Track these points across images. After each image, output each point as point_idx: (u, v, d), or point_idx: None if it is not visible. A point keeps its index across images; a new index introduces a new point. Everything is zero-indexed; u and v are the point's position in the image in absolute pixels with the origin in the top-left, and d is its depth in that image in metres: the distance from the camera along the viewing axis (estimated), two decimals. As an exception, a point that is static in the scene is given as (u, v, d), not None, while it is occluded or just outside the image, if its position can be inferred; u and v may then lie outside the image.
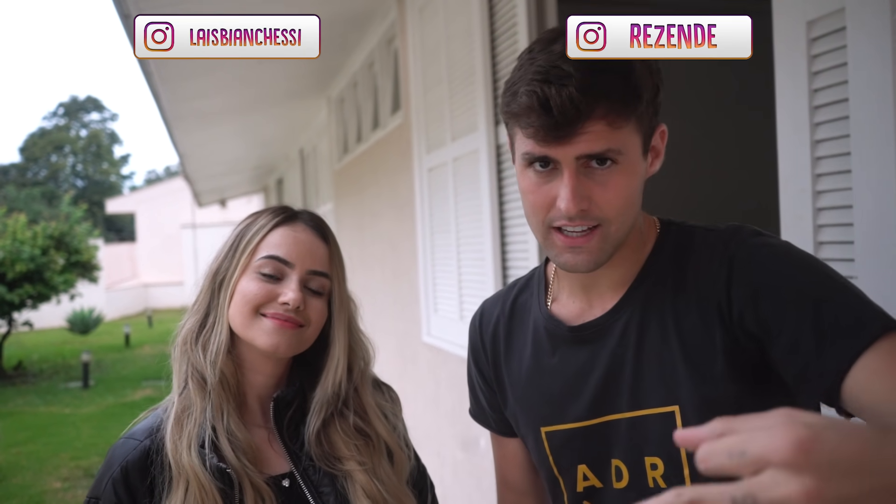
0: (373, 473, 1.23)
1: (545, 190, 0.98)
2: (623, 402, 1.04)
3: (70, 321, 17.29)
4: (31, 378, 12.75)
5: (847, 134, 1.35)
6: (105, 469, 1.19)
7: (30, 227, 13.13)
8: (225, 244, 1.26)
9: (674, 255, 1.06)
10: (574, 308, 1.11)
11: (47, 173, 49.62)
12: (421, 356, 4.40)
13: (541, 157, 0.96)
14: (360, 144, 6.10)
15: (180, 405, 1.19)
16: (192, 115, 7.43)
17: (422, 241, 4.19)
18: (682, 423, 0.98)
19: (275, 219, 1.24)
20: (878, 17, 1.28)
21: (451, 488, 3.73)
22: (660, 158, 1.06)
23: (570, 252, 0.99)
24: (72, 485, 6.92)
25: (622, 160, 0.96)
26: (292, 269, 1.21)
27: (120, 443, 1.22)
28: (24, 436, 8.77)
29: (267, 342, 1.19)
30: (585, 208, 0.96)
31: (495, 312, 1.22)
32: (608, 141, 0.94)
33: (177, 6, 4.19)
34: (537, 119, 0.93)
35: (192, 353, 1.21)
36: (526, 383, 1.14)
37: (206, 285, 1.25)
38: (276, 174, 13.96)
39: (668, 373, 1.00)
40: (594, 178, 0.96)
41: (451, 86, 3.60)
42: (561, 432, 1.10)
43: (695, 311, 0.99)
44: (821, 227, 1.43)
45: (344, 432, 1.24)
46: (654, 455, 1.02)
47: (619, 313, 1.06)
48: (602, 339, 1.06)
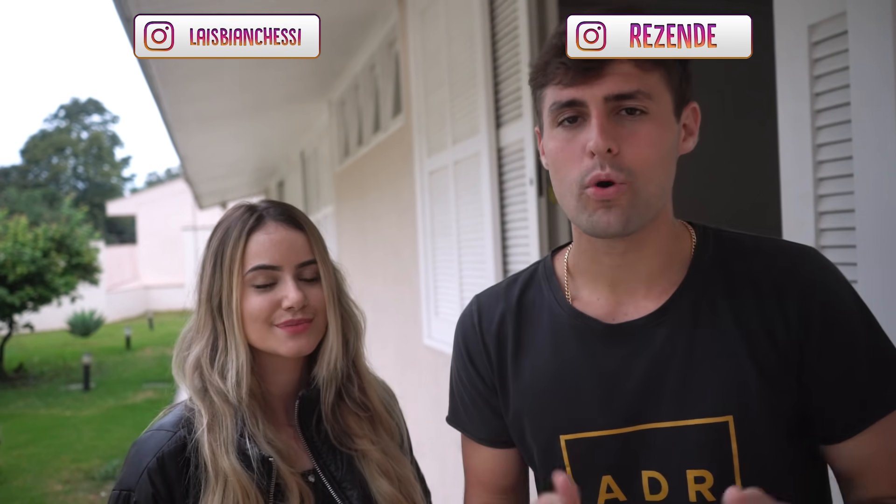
0: (383, 451, 1.27)
1: (574, 143, 0.95)
2: (666, 410, 0.98)
3: (71, 323, 17.31)
4: (31, 380, 12.76)
5: (849, 138, 1.35)
6: (136, 460, 1.18)
7: (31, 229, 13.15)
8: (206, 262, 1.25)
9: (722, 258, 1.02)
10: (603, 305, 1.04)
11: (48, 175, 49.68)
12: (422, 359, 4.39)
13: (568, 101, 0.94)
14: (361, 147, 6.10)
15: (209, 414, 1.19)
16: (193, 118, 7.43)
17: (423, 244, 4.19)
18: (736, 436, 0.96)
19: (245, 227, 1.23)
20: (880, 21, 1.28)
21: (452, 491, 3.72)
22: (693, 137, 1.03)
23: (603, 208, 0.93)
24: (72, 487, 6.92)
25: (653, 110, 0.94)
26: (281, 270, 1.22)
27: (148, 434, 1.21)
28: (25, 438, 8.77)
29: (288, 349, 1.21)
30: (615, 151, 0.92)
31: (498, 310, 1.13)
32: (638, 82, 0.92)
33: (177, 6, 4.20)
34: (566, 57, 0.92)
35: (210, 378, 1.21)
36: (545, 386, 1.06)
37: (202, 309, 1.25)
38: (277, 177, 13.97)
39: (723, 382, 0.96)
40: (624, 125, 0.93)
41: (452, 89, 3.60)
42: (586, 440, 1.02)
43: (760, 327, 0.97)
44: (822, 231, 1.43)
45: (352, 408, 1.28)
46: (700, 468, 0.97)
47: (666, 315, 1.00)
48: (644, 342, 1.00)
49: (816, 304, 0.96)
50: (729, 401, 0.95)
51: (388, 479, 1.25)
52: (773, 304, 0.97)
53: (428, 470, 1.44)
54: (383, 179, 5.28)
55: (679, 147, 1.00)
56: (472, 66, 3.29)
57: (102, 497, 6.63)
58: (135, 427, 8.92)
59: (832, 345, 0.96)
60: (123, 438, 8.53)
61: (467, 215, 3.47)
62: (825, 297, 0.97)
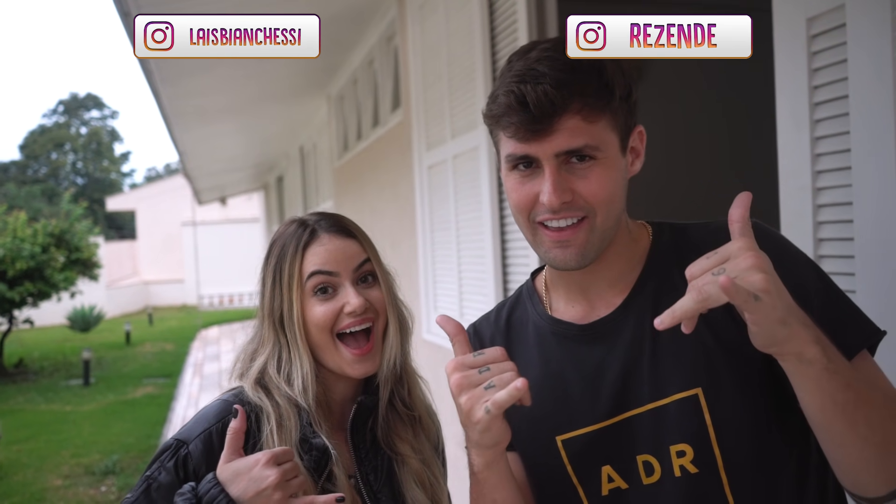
0: (423, 461, 1.33)
1: (528, 188, 1.02)
2: (644, 394, 1.04)
3: (71, 319, 17.30)
4: (31, 376, 12.76)
5: (847, 131, 1.35)
6: (202, 420, 1.21)
7: (30, 224, 13.13)
8: (265, 279, 1.30)
9: (674, 249, 1.08)
10: (577, 311, 1.12)
11: (47, 171, 49.64)
12: (421, 354, 4.38)
13: (522, 156, 1.01)
14: (360, 142, 6.10)
15: (275, 413, 1.21)
16: (192, 113, 7.43)
17: (422, 239, 4.19)
18: (707, 405, 1.00)
19: (300, 241, 1.27)
20: (878, 14, 1.28)
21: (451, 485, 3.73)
22: (640, 158, 1.10)
23: (559, 247, 1.02)
24: (73, 482, 6.93)
25: (601, 156, 1.00)
26: (339, 276, 1.26)
27: (215, 403, 1.25)
28: (25, 433, 8.78)
29: (353, 371, 1.26)
30: (568, 200, 1.00)
31: (489, 331, 1.23)
32: (585, 136, 0.98)
33: (177, 5, 4.19)
34: (516, 116, 0.98)
35: (277, 384, 1.24)
36: (536, 394, 1.07)
37: (265, 325, 1.28)
38: (277, 172, 13.96)
39: (687, 357, 1.01)
40: (575, 172, 1.00)
41: (451, 83, 3.60)
42: (581, 437, 1.08)
43: None
44: (821, 223, 1.44)
45: (400, 411, 1.34)
46: (680, 442, 1.01)
47: (630, 306, 1.07)
48: (616, 336, 1.07)
49: None
50: (695, 373, 1.01)
51: (423, 488, 1.30)
52: None
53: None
54: (382, 174, 5.27)
55: (628, 173, 1.07)
56: (470, 61, 3.29)
57: (102, 492, 6.64)
58: (134, 422, 8.93)
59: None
60: (123, 433, 8.54)
61: (466, 209, 3.48)
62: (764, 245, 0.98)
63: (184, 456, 1.17)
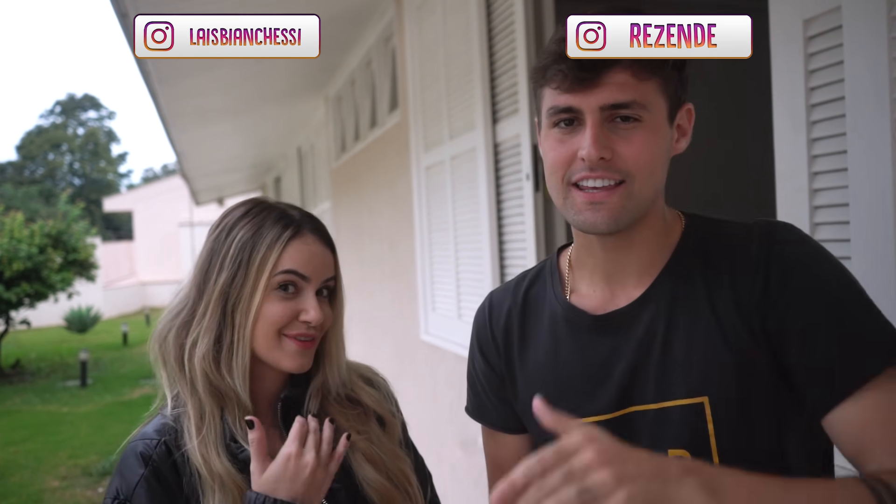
0: (370, 440, 1.27)
1: (567, 146, 0.98)
2: (649, 392, 1.02)
3: (68, 320, 17.28)
4: (28, 377, 12.74)
5: (843, 132, 1.36)
6: (127, 470, 1.16)
7: (27, 225, 13.11)
8: (226, 257, 1.20)
9: (702, 246, 1.05)
10: (596, 298, 1.09)
11: (44, 171, 49.55)
12: (419, 354, 4.40)
13: (565, 107, 0.97)
14: (358, 143, 6.10)
15: (196, 414, 1.18)
16: (189, 114, 7.42)
17: (420, 240, 4.19)
18: (712, 415, 0.98)
19: (283, 233, 1.20)
20: (875, 16, 1.28)
21: (449, 487, 3.73)
22: (686, 138, 1.06)
23: (591, 209, 0.98)
24: (70, 483, 6.92)
25: (647, 118, 0.96)
26: (308, 282, 1.21)
27: (132, 445, 1.20)
28: (22, 434, 8.76)
29: (292, 365, 1.21)
30: (608, 158, 0.96)
31: (506, 304, 1.19)
32: (633, 92, 0.95)
33: (175, 5, 4.19)
34: (564, 63, 0.94)
35: (213, 374, 1.19)
36: (545, 377, 1.11)
37: (212, 303, 1.20)
38: (274, 172, 13.95)
39: (698, 364, 0.99)
40: (618, 132, 0.96)
41: (448, 84, 3.60)
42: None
43: (731, 306, 0.98)
44: (817, 224, 1.44)
45: (339, 404, 1.28)
46: (679, 448, 1.00)
47: (647, 302, 1.04)
48: (628, 329, 1.04)
49: (781, 272, 0.96)
50: (704, 382, 0.98)
51: (375, 466, 1.25)
52: (744, 280, 0.99)
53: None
54: (380, 175, 5.28)
55: (672, 149, 1.03)
56: (468, 62, 3.29)
57: (100, 493, 6.63)
58: (132, 423, 8.78)
59: (798, 311, 0.95)
60: (120, 435, 8.43)
61: (464, 211, 3.48)
62: (791, 264, 0.97)
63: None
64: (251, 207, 1.25)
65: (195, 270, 1.25)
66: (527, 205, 2.85)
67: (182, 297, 1.26)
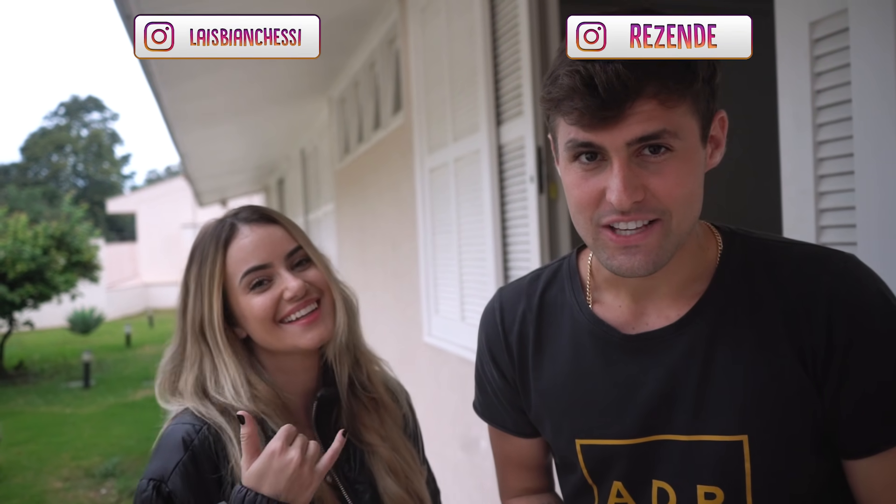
0: (393, 448, 1.29)
1: (593, 183, 0.89)
2: (680, 423, 0.96)
3: (71, 321, 17.30)
4: (32, 378, 12.75)
5: (850, 135, 1.35)
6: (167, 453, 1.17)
7: (31, 226, 13.13)
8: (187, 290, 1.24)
9: (748, 270, 0.97)
10: (624, 313, 1.02)
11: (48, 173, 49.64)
12: (422, 357, 4.39)
13: (585, 143, 0.88)
14: (362, 145, 6.10)
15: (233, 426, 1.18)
16: (193, 115, 7.42)
17: (423, 242, 4.18)
18: (750, 455, 0.93)
19: (219, 240, 1.23)
20: (881, 18, 1.27)
21: (452, 489, 3.72)
22: (720, 149, 0.97)
23: (625, 253, 0.90)
24: (72, 485, 6.92)
25: (679, 147, 0.88)
26: (272, 266, 1.22)
27: (172, 428, 1.21)
28: (25, 435, 8.77)
29: (307, 341, 1.22)
30: (640, 199, 0.87)
31: (520, 307, 1.11)
32: (662, 121, 0.86)
33: (177, 6, 4.19)
34: (581, 101, 0.85)
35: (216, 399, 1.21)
36: (562, 390, 1.05)
37: (188, 337, 1.24)
38: (278, 174, 13.96)
39: (740, 400, 0.93)
40: (648, 167, 0.88)
41: (452, 86, 3.59)
42: (600, 447, 1.02)
43: (784, 341, 0.93)
44: (823, 228, 1.43)
45: (362, 397, 1.30)
46: (712, 484, 0.94)
47: (685, 328, 0.97)
48: (662, 353, 0.97)
49: (843, 321, 0.90)
50: (745, 420, 0.93)
51: (396, 477, 1.27)
52: (798, 321, 0.92)
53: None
54: (383, 177, 5.27)
55: (707, 165, 0.96)
56: (472, 63, 3.28)
57: (103, 494, 6.63)
58: (135, 425, 8.91)
59: (858, 365, 0.90)
60: (123, 436, 8.53)
61: (467, 213, 3.47)
62: (852, 312, 0.91)
63: (167, 494, 1.14)
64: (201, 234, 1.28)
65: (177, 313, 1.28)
66: (531, 207, 2.85)
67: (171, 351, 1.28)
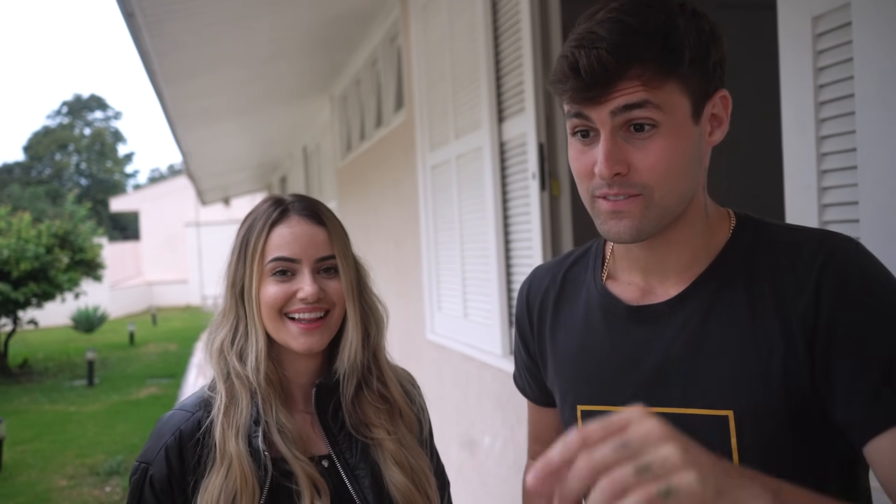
0: (399, 442, 1.31)
1: (586, 157, 0.96)
2: (675, 396, 0.99)
3: (75, 319, 17.33)
4: (36, 376, 12.78)
5: (853, 130, 1.34)
6: (157, 437, 1.24)
7: (34, 225, 13.15)
8: (233, 251, 1.31)
9: (751, 250, 1.00)
10: (633, 288, 1.07)
11: (51, 172, 49.72)
12: (425, 354, 4.39)
13: (577, 114, 0.94)
14: (364, 142, 6.10)
15: (227, 397, 1.24)
16: (195, 114, 7.43)
17: (425, 239, 4.18)
18: (736, 430, 0.94)
19: (269, 219, 1.27)
20: (885, 13, 1.27)
21: (455, 486, 3.71)
22: (722, 127, 1.00)
23: (614, 218, 0.96)
24: (77, 483, 6.94)
25: (665, 122, 0.92)
26: (300, 263, 1.26)
27: (170, 414, 1.27)
28: (30, 434, 8.79)
29: (297, 345, 1.26)
30: (622, 172, 0.93)
31: (545, 283, 1.19)
32: (644, 95, 0.91)
33: (178, 7, 4.19)
34: (569, 83, 0.92)
35: (231, 361, 1.26)
36: (571, 359, 1.11)
37: (227, 296, 1.30)
38: (280, 172, 13.97)
39: (725, 375, 0.95)
40: (634, 143, 0.93)
41: (454, 83, 3.59)
42: (599, 413, 1.01)
43: (774, 318, 0.94)
44: (826, 223, 1.43)
45: (371, 400, 1.32)
46: None
47: (683, 302, 1.01)
48: (660, 327, 1.02)
49: (833, 286, 0.91)
50: (731, 395, 0.95)
51: (402, 468, 1.28)
52: (787, 287, 0.94)
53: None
54: (386, 174, 5.27)
55: (705, 143, 0.99)
56: (474, 61, 3.28)
57: (107, 492, 6.64)
58: (139, 423, 8.93)
59: (848, 331, 0.90)
60: (127, 434, 8.55)
61: (470, 210, 3.47)
62: (844, 280, 0.92)
63: (150, 477, 1.21)
64: (261, 202, 1.33)
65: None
66: (533, 204, 2.85)
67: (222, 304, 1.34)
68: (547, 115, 2.83)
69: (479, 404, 3.45)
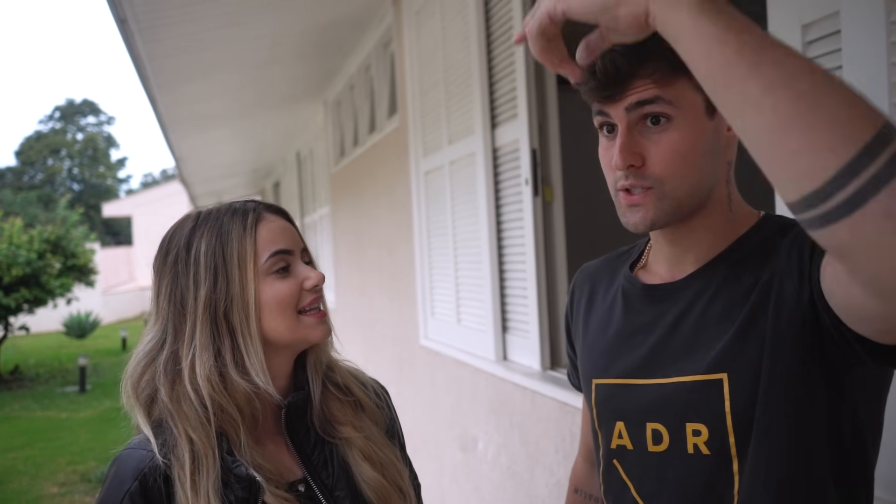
0: (367, 438, 1.27)
1: (609, 152, 1.03)
2: (674, 367, 1.05)
3: (67, 325, 17.27)
4: (27, 382, 12.72)
5: (842, 137, 1.35)
6: (117, 482, 1.12)
7: (26, 230, 13.13)
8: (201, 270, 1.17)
9: (767, 244, 1.03)
10: (656, 274, 1.14)
11: (43, 177, 49.58)
12: (418, 359, 4.39)
13: (599, 111, 1.02)
14: (357, 148, 6.10)
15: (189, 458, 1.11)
16: (188, 119, 7.42)
17: (419, 245, 4.19)
18: (729, 392, 0.99)
19: (246, 222, 1.20)
20: (873, 20, 1.28)
21: (449, 491, 3.72)
22: None
23: (630, 211, 1.03)
24: (69, 489, 6.91)
25: (677, 116, 0.99)
26: (293, 255, 1.23)
27: (126, 453, 1.15)
28: (21, 440, 8.75)
29: (317, 334, 1.22)
30: (637, 165, 0.99)
31: (588, 278, 1.29)
32: (657, 91, 0.97)
33: (171, 13, 4.19)
34: (589, 84, 0.99)
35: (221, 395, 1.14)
36: (594, 339, 1.20)
37: (201, 320, 1.16)
38: (273, 177, 13.96)
39: (723, 342, 1.00)
40: (649, 137, 0.99)
41: (447, 89, 3.60)
42: (607, 386, 1.14)
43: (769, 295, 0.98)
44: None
45: (335, 392, 1.29)
46: (697, 421, 1.01)
47: (694, 280, 1.07)
48: (670, 305, 1.09)
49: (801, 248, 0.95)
50: (724, 360, 0.99)
51: (371, 463, 1.25)
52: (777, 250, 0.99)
53: (425, 470, 1.44)
54: (379, 180, 5.28)
55: (723, 137, 1.03)
56: (467, 67, 3.29)
57: (99, 499, 6.62)
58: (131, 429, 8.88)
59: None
60: (119, 440, 8.42)
61: (463, 216, 3.48)
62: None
63: None
64: (196, 220, 1.22)
65: (162, 304, 1.21)
66: (526, 210, 2.85)
67: (155, 336, 1.22)
68: (540, 122, 2.84)
69: (472, 410, 3.46)
